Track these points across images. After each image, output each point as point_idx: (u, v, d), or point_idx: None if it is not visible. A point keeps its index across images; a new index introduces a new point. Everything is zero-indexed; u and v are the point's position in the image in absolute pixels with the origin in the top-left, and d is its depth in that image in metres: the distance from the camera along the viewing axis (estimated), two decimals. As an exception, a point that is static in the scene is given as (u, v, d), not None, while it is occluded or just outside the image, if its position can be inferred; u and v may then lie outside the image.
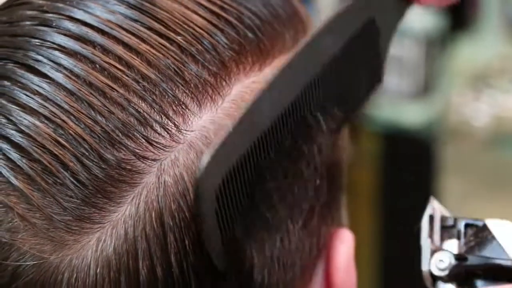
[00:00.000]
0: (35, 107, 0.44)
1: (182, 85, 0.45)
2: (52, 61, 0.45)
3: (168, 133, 0.44)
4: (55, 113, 0.44)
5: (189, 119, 0.45)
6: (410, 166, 1.61)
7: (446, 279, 0.45)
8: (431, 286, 0.46)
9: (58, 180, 0.44)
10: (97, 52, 0.45)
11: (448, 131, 1.66)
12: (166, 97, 0.45)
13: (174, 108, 0.45)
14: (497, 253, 0.45)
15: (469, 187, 1.69)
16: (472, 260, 0.45)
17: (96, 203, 0.44)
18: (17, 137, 0.44)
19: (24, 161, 0.44)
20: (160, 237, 0.43)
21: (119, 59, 0.45)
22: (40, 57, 0.45)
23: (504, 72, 1.72)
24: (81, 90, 0.44)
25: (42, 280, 0.44)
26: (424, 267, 0.46)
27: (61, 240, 0.44)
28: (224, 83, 0.46)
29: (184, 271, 0.44)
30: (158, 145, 0.44)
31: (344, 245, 0.51)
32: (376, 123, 1.61)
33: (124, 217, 0.44)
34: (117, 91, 0.44)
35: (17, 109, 0.44)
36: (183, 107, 0.45)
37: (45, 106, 0.44)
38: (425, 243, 0.46)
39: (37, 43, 0.45)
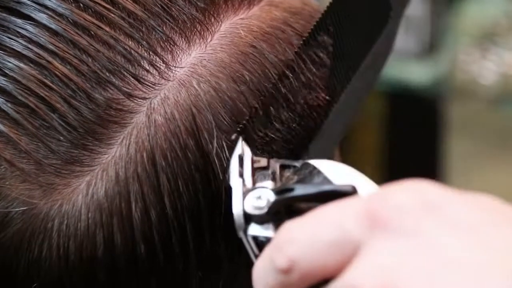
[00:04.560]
0: (19, 50, 0.43)
1: (169, 21, 0.44)
2: (35, 2, 0.44)
3: (156, 70, 0.43)
4: (40, 55, 0.43)
5: (178, 55, 0.44)
6: (416, 125, 1.60)
7: (263, 219, 0.40)
8: (241, 232, 0.40)
9: (46, 123, 0.42)
10: None
11: (454, 89, 1.65)
12: (154, 33, 0.43)
13: (162, 44, 0.43)
14: (325, 183, 0.40)
15: (475, 146, 1.68)
16: (299, 190, 0.39)
17: (86, 145, 0.43)
18: (1, 81, 0.43)
19: (9, 105, 0.43)
20: (152, 178, 0.42)
21: None
22: None
23: (511, 30, 1.70)
24: (66, 30, 0.43)
25: (32, 228, 0.43)
26: (237, 209, 0.40)
27: (51, 185, 0.42)
28: (212, 19, 0.45)
29: (178, 213, 0.43)
30: (147, 83, 0.43)
31: None
32: (381, 83, 1.59)
33: (114, 158, 0.43)
34: (103, 29, 0.43)
35: (0, 53, 0.43)
36: (171, 43, 0.43)
37: (29, 48, 0.43)
38: (236, 184, 0.41)
39: None
